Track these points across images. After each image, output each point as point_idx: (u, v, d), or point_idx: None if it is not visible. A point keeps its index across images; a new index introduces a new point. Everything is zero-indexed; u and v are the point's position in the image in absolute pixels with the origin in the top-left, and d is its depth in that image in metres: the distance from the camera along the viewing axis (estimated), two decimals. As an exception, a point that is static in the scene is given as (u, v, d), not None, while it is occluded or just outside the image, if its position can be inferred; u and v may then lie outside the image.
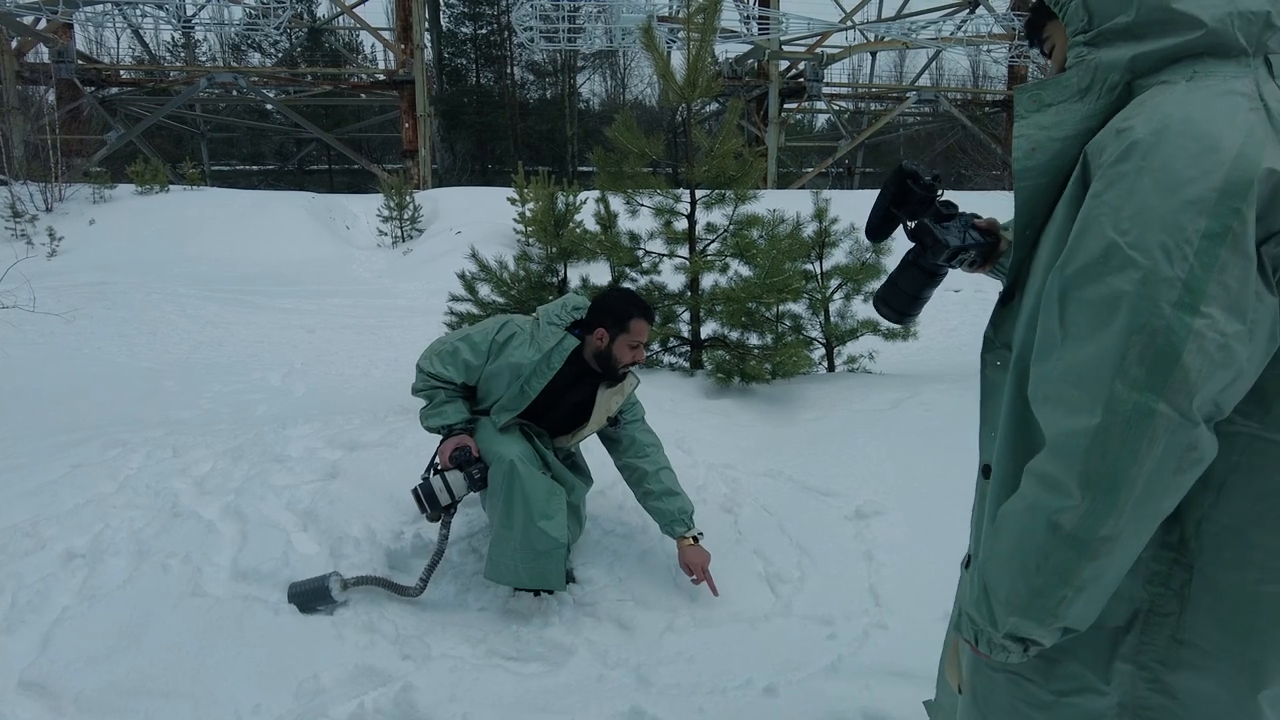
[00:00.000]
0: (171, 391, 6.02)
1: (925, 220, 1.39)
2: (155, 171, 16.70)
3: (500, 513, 2.56)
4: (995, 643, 1.04)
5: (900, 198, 1.41)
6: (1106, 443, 0.89)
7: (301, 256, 14.08)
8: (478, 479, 2.61)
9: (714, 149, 4.25)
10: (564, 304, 2.73)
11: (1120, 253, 0.89)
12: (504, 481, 2.54)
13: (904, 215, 1.43)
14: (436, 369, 2.69)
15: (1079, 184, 1.00)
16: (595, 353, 2.67)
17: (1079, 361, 0.92)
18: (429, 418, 2.72)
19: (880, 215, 1.47)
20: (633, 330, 2.65)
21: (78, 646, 2.49)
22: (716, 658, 2.33)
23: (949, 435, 3.64)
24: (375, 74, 27.83)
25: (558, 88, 37.50)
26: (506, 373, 2.63)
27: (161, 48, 33.18)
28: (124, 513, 3.51)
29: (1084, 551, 0.92)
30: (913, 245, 1.43)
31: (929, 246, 1.39)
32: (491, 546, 2.60)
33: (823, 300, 5.02)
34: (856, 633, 2.43)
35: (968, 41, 27.87)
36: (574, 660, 2.33)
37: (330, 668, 2.31)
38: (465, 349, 2.67)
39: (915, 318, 1.55)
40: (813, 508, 3.07)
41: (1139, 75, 1.01)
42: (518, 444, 2.63)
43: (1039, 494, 0.96)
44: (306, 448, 4.10)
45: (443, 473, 2.66)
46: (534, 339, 2.64)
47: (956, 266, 1.45)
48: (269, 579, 2.83)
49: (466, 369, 2.68)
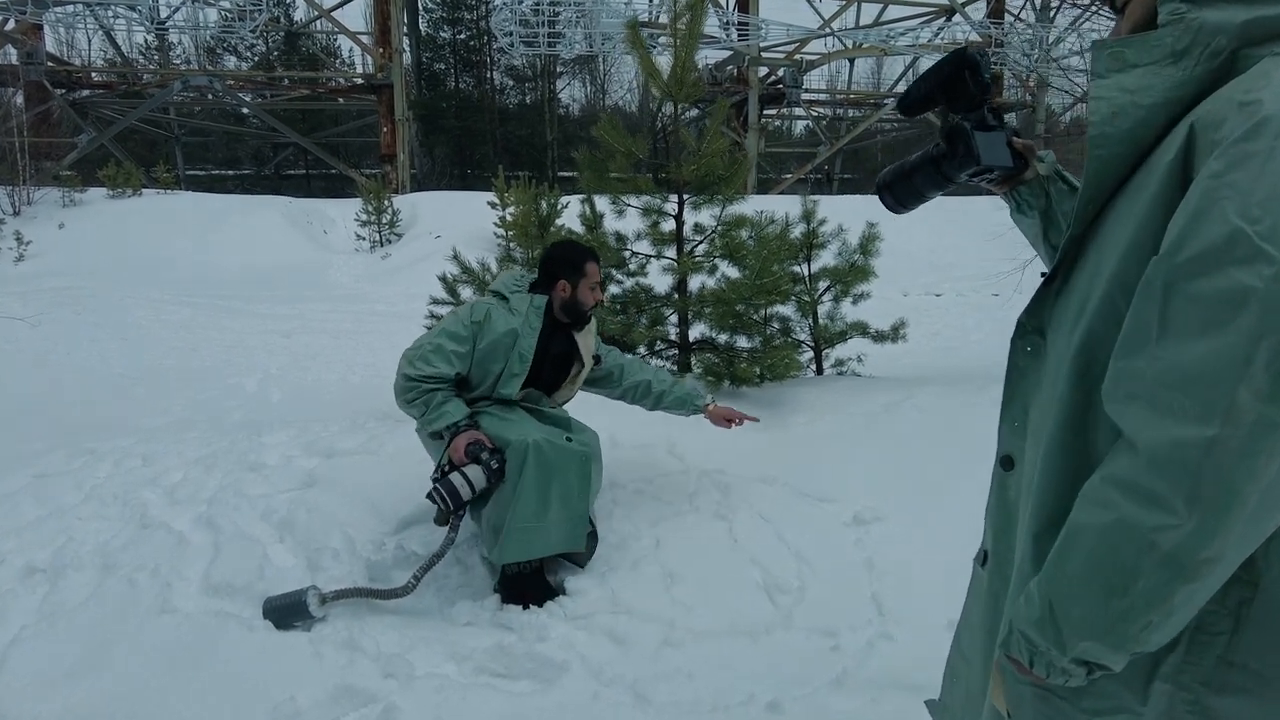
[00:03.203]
0: (142, 398, 5.83)
1: (966, 123, 1.27)
2: (128, 175, 16.37)
3: (530, 496, 2.55)
4: (1057, 666, 0.94)
5: (951, 86, 1.28)
6: (1223, 457, 0.78)
7: (278, 261, 13.84)
8: (496, 469, 2.57)
9: (702, 148, 4.16)
10: (511, 277, 2.93)
11: (1248, 243, 0.78)
12: (534, 465, 2.54)
13: (946, 106, 1.30)
14: (430, 369, 2.63)
15: (1179, 160, 0.88)
16: (562, 304, 2.85)
17: (1187, 362, 0.81)
18: (432, 421, 2.62)
19: (923, 95, 1.32)
20: (589, 273, 2.87)
21: (36, 669, 2.34)
22: (717, 673, 2.23)
23: (945, 439, 3.57)
24: (353, 78, 27.57)
25: (537, 93, 37.38)
26: (499, 346, 2.71)
27: (134, 50, 32.64)
28: (89, 524, 3.36)
29: (1181, 574, 0.82)
30: (939, 142, 1.31)
31: (959, 154, 1.28)
32: (515, 530, 2.54)
33: (811, 302, 4.95)
34: (860, 644, 2.33)
35: (945, 48, 28.07)
36: (567, 677, 2.21)
37: (308, 688, 2.18)
38: (447, 341, 2.68)
39: (910, 211, 1.45)
40: (810, 514, 2.98)
41: (1249, 44, 0.90)
42: (530, 425, 2.68)
43: (1130, 509, 0.85)
44: (283, 455, 3.96)
45: (460, 468, 2.55)
46: (509, 309, 2.78)
47: (975, 181, 1.34)
48: (242, 593, 2.69)
49: (458, 359, 2.69)
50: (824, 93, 32.66)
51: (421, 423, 2.64)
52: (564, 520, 2.63)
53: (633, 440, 3.56)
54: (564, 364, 2.93)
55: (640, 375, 3.08)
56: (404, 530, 3.05)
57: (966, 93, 1.28)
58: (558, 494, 2.60)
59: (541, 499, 2.57)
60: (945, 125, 1.33)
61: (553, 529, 2.61)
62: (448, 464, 2.61)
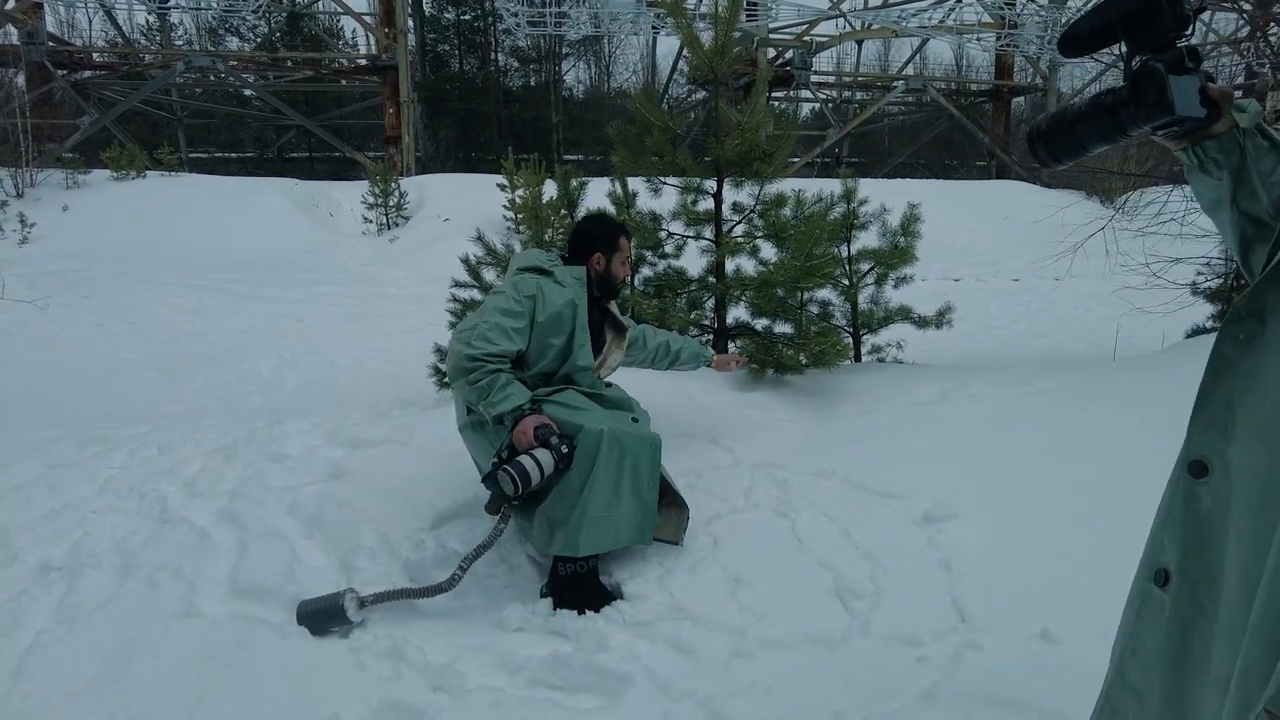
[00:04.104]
0: (154, 384, 5.65)
1: (1159, 64, 1.04)
2: (132, 157, 16.16)
3: (604, 485, 2.43)
4: None
5: (1140, 18, 1.06)
6: None
7: (285, 244, 13.64)
8: (565, 454, 2.41)
9: (744, 123, 3.94)
10: (537, 253, 2.86)
11: None
12: (607, 453, 2.44)
13: (1131, 43, 1.08)
14: (493, 346, 2.47)
15: None
16: (596, 277, 2.82)
17: None
18: (497, 403, 2.44)
19: (1097, 29, 1.10)
20: (621, 246, 2.88)
21: (55, 678, 2.16)
22: (795, 687, 2.04)
23: (1004, 430, 3.38)
24: (357, 59, 27.21)
25: (542, 75, 36.96)
26: (561, 318, 2.64)
27: (135, 31, 32.25)
28: (105, 518, 3.18)
29: None
30: (1121, 87, 1.09)
31: (1148, 103, 1.05)
32: (591, 520, 2.41)
33: (851, 286, 4.74)
34: (947, 654, 2.15)
35: (957, 30, 27.66)
36: (632, 692, 2.03)
37: (352, 703, 2.00)
38: (505, 319, 2.55)
39: (1062, 166, 1.23)
40: (876, 512, 2.79)
41: None
42: (598, 412, 2.58)
43: None
44: (305, 445, 3.77)
45: (529, 452, 2.37)
46: (557, 281, 2.69)
47: (1155, 134, 1.12)
48: (272, 596, 2.51)
49: (518, 334, 2.57)
50: (831, 75, 32.20)
51: (484, 405, 2.45)
52: (634, 511, 2.51)
53: (675, 429, 3.37)
54: (599, 333, 2.91)
55: (659, 337, 3.16)
56: (441, 526, 2.86)
57: (1161, 27, 1.05)
58: (629, 483, 2.49)
59: (615, 488, 2.44)
60: (1130, 69, 1.11)
61: (623, 520, 2.48)
62: (507, 450, 2.43)
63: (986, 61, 32.48)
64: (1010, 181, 23.83)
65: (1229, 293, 5.12)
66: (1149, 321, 6.44)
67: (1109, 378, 3.99)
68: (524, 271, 2.71)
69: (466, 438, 2.70)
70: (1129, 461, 2.94)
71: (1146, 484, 2.74)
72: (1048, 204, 19.95)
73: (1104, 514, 2.65)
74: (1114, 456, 2.98)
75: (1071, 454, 3.05)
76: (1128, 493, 2.74)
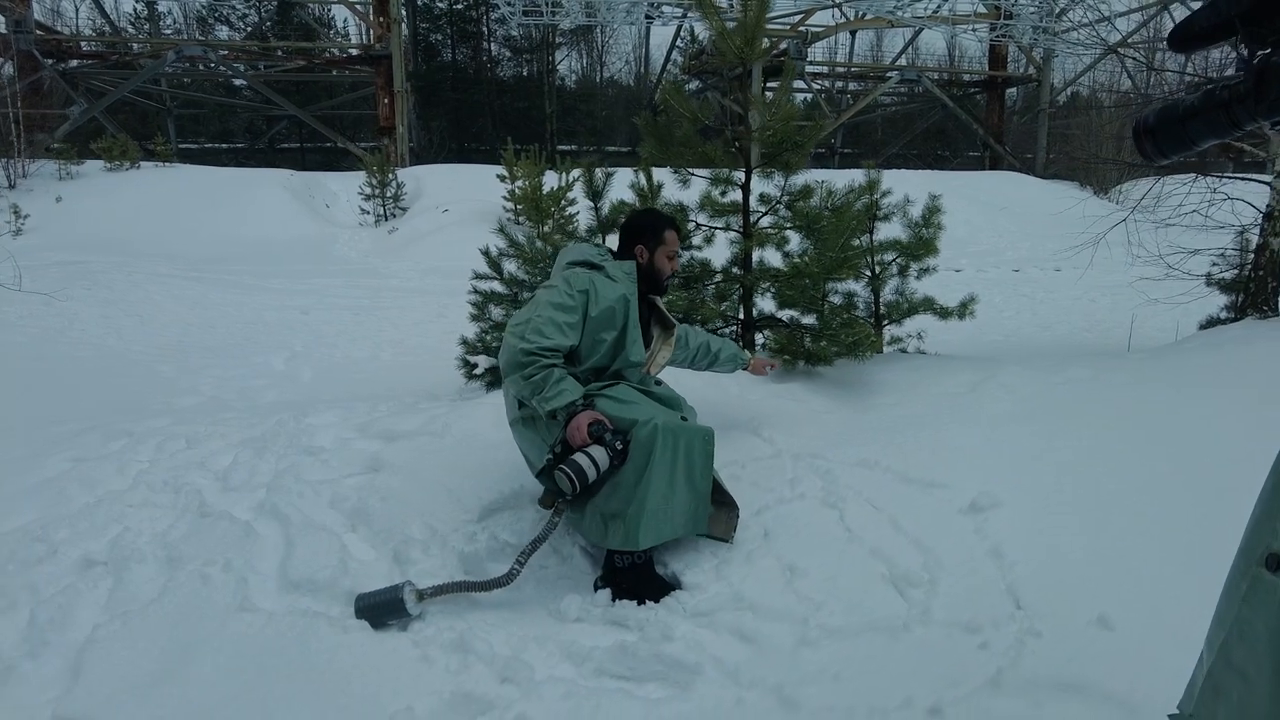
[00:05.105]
0: (169, 377, 5.60)
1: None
2: (124, 147, 15.96)
3: (661, 478, 2.42)
4: None
5: (1260, 12, 1.02)
6: None
7: (284, 235, 13.54)
8: (620, 449, 2.40)
9: (774, 113, 3.93)
10: (587, 247, 2.84)
11: None
12: (662, 445, 2.43)
13: (1250, 38, 1.04)
14: (548, 340, 2.46)
15: None
16: (642, 271, 2.81)
17: None
18: (550, 399, 2.43)
19: (1215, 23, 1.07)
20: (668, 240, 2.86)
21: (117, 674, 2.15)
22: (864, 673, 2.06)
23: (1039, 420, 3.40)
24: (349, 49, 26.95)
25: (534, 65, 36.75)
26: (614, 313, 2.62)
27: (122, 20, 31.85)
28: (142, 512, 3.15)
29: None
30: (1237, 83, 1.06)
31: (1270, 99, 1.02)
32: (650, 514, 2.40)
33: (874, 277, 4.76)
34: (1009, 641, 2.16)
35: (952, 20, 27.66)
36: (701, 681, 2.04)
37: (423, 696, 2.00)
38: (558, 313, 2.54)
39: (1168, 161, 1.22)
40: (922, 501, 2.81)
41: None
42: (650, 405, 2.56)
43: None
44: (337, 437, 3.77)
45: (585, 449, 2.37)
46: (609, 276, 2.69)
47: (1275, 127, 1.08)
48: (326, 590, 2.50)
49: (571, 329, 2.56)
50: (825, 65, 32.18)
51: (538, 400, 2.44)
52: (689, 501, 2.51)
53: (715, 421, 3.37)
54: (646, 328, 2.90)
55: (700, 338, 3.19)
56: (489, 518, 2.86)
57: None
58: (683, 474, 2.48)
59: (670, 481, 2.44)
60: (1251, 63, 1.11)
61: (678, 511, 2.48)
62: (560, 446, 2.43)
63: (980, 52, 32.51)
64: (1004, 172, 23.93)
65: (1245, 283, 5.17)
66: (1158, 313, 6.50)
67: (1134, 369, 4.03)
68: (575, 266, 2.70)
69: (517, 432, 2.70)
70: (1166, 449, 2.98)
71: (1184, 471, 2.79)
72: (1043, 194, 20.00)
73: (1145, 500, 2.69)
74: (1151, 445, 3.01)
75: (1108, 442, 3.08)
76: (1165, 480, 2.79)
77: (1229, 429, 2.93)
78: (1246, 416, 3.01)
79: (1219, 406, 3.21)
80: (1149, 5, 21.89)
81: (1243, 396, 3.21)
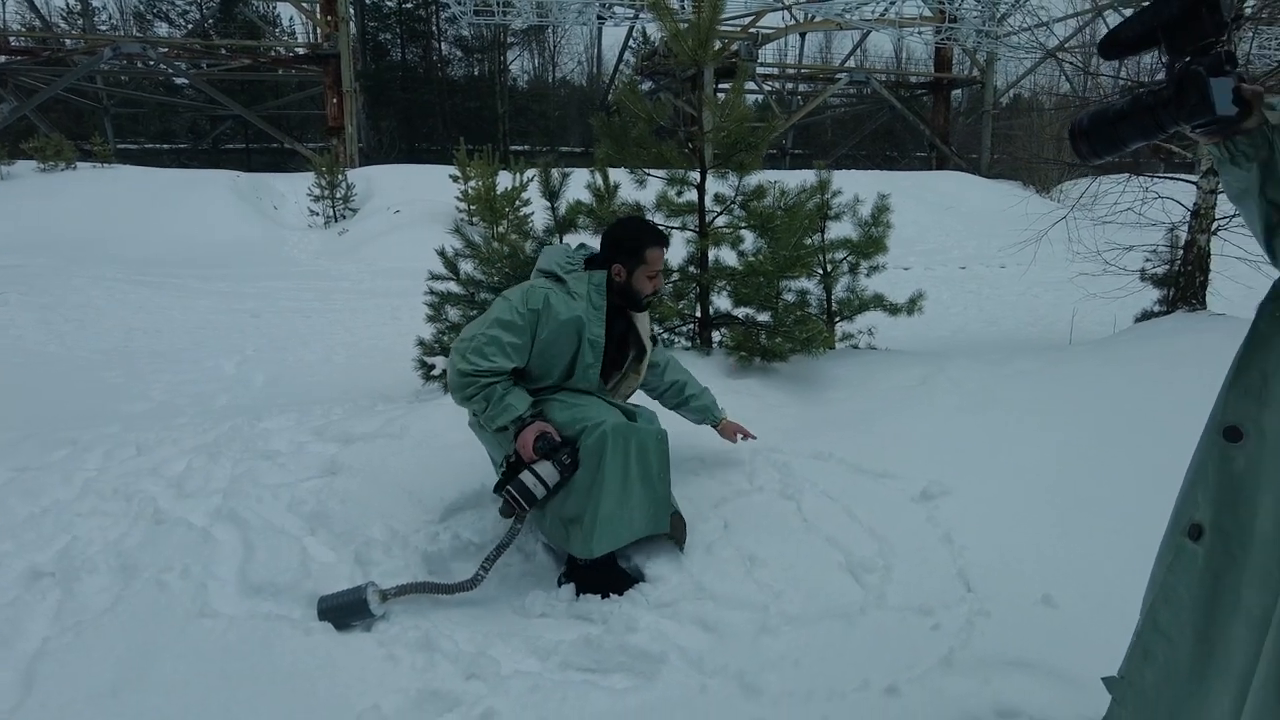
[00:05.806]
0: (116, 383, 5.45)
1: (1200, 68, 1.12)
2: (59, 147, 15.43)
3: (614, 483, 2.40)
4: None
5: (1182, 23, 1.13)
6: None
7: (230, 237, 13.24)
8: (569, 463, 2.39)
9: (727, 114, 4.00)
10: (561, 253, 2.67)
11: None
12: (613, 449, 2.39)
13: (1172, 47, 1.16)
14: (486, 363, 2.42)
15: None
16: (618, 289, 2.64)
17: None
18: (495, 417, 2.42)
19: (1140, 33, 1.18)
20: (649, 260, 2.63)
21: (73, 684, 2.11)
22: (823, 658, 2.12)
23: (988, 411, 3.53)
24: (296, 47, 26.42)
25: (485, 65, 36.47)
26: (565, 334, 2.50)
27: (53, 14, 30.71)
28: (92, 521, 3.09)
29: None
30: (1161, 88, 1.16)
31: (1189, 104, 1.13)
32: (604, 520, 2.40)
33: (826, 275, 4.87)
34: (960, 622, 2.26)
35: (899, 23, 28.23)
36: (666, 670, 2.09)
37: (390, 695, 2.01)
38: (503, 333, 2.46)
39: (1102, 160, 1.33)
40: (875, 491, 2.90)
41: None
42: (602, 407, 2.52)
43: None
44: (292, 441, 3.73)
45: (530, 466, 2.37)
46: (568, 292, 2.53)
47: (1191, 131, 1.20)
48: (288, 593, 2.48)
49: (515, 351, 2.47)
50: (775, 66, 32.58)
51: (483, 419, 2.45)
52: (647, 502, 2.50)
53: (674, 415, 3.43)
54: (621, 345, 2.77)
55: (679, 375, 2.97)
56: (451, 517, 2.87)
57: (1199, 31, 1.14)
58: (639, 476, 2.47)
59: (624, 484, 2.43)
60: (1174, 70, 1.21)
61: (636, 513, 2.48)
62: (515, 456, 2.44)
63: (926, 54, 33.22)
64: (951, 172, 24.51)
65: (1176, 278, 5.41)
66: (1097, 307, 6.76)
67: (1075, 361, 4.19)
68: (541, 275, 2.63)
69: (478, 434, 2.70)
70: (1106, 435, 3.12)
71: (1121, 458, 2.92)
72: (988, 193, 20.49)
73: (1087, 484, 2.82)
74: (1092, 431, 3.15)
75: (1052, 430, 3.21)
76: (1106, 464, 2.92)
77: (1163, 415, 3.08)
78: (1179, 402, 3.17)
79: (1153, 394, 3.37)
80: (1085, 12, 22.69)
81: (1174, 383, 3.37)
